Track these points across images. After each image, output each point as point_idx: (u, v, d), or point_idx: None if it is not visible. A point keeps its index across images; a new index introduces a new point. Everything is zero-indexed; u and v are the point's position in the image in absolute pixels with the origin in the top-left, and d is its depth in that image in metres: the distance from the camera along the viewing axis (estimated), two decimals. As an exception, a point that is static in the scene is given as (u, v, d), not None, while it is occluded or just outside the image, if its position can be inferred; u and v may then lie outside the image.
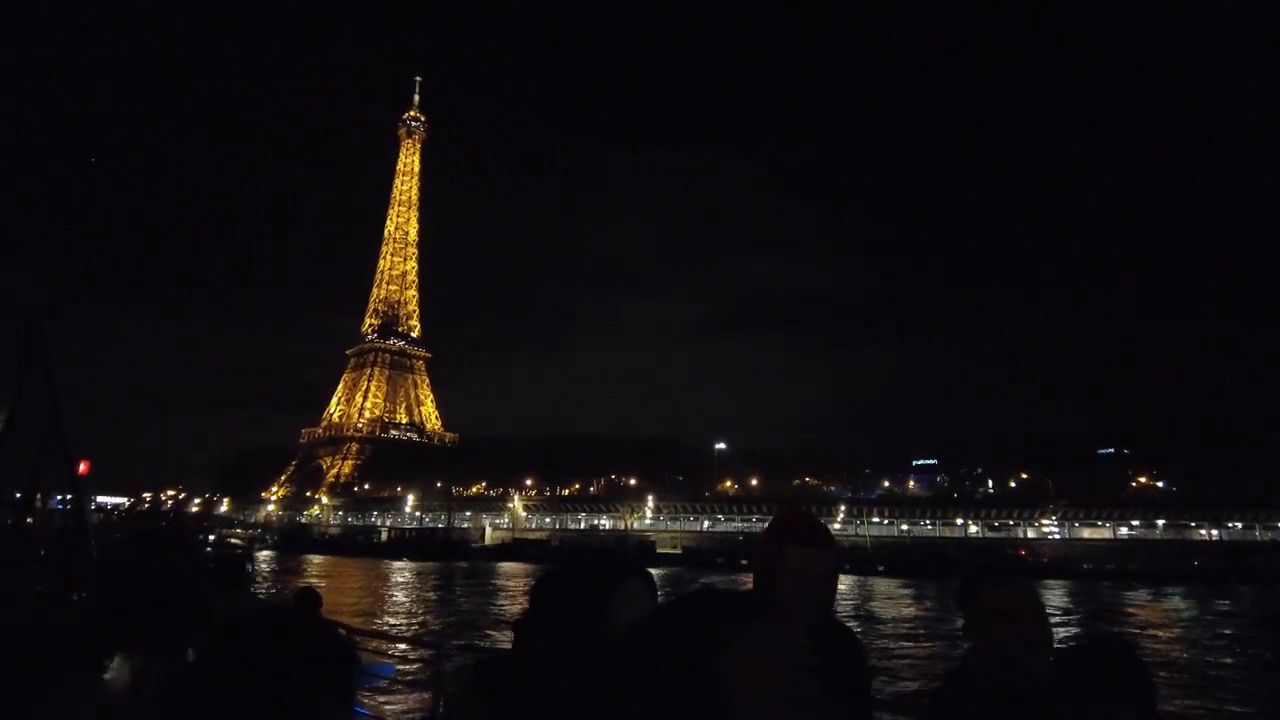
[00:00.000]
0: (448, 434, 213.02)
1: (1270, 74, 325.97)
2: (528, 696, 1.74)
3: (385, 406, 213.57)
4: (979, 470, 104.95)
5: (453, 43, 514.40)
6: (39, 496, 6.34)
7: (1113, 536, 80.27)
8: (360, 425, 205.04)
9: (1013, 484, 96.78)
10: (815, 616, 2.18)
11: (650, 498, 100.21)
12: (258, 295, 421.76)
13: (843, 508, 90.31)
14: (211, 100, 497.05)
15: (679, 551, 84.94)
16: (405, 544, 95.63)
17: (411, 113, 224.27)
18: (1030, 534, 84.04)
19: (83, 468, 7.49)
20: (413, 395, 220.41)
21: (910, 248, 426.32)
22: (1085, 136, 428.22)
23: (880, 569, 68.24)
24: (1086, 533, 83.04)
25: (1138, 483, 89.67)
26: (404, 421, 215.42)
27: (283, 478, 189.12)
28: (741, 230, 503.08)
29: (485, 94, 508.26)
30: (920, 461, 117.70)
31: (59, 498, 6.55)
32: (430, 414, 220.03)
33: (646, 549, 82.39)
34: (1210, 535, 78.38)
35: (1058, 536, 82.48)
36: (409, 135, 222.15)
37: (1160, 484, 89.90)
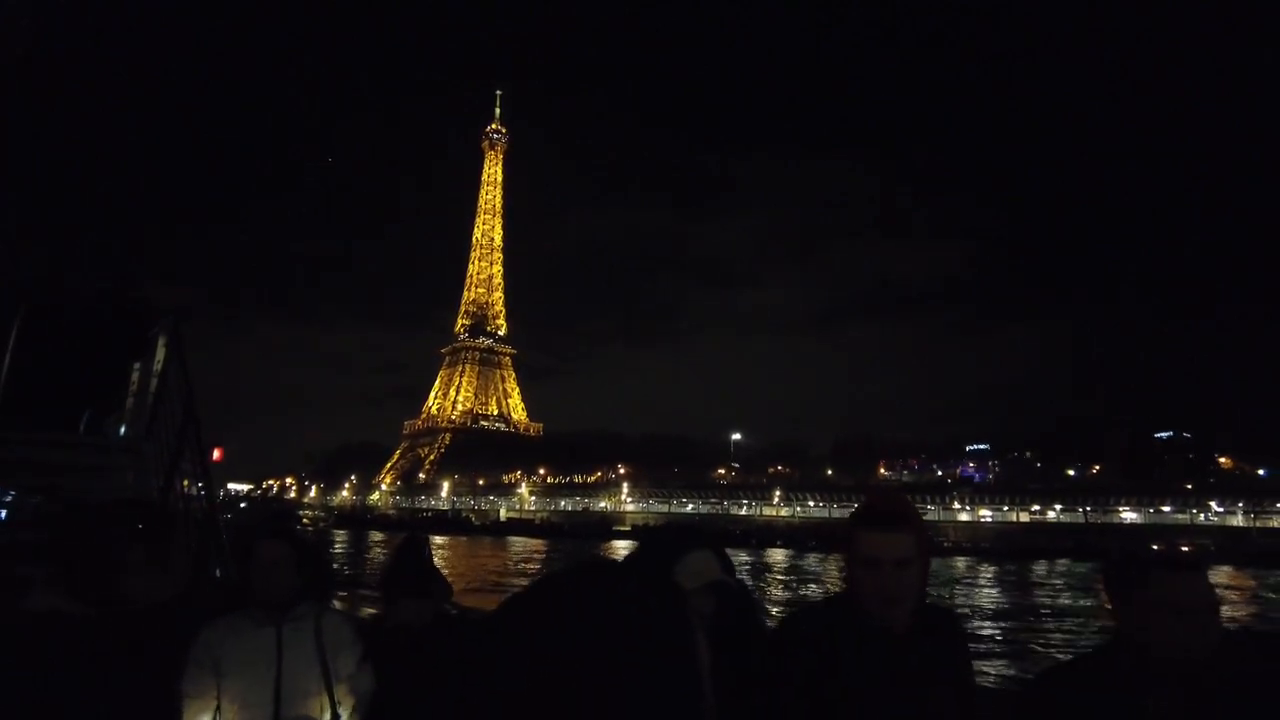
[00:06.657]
0: (533, 425, 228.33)
1: None
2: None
3: (476, 400, 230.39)
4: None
5: (556, 55, 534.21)
6: (180, 482, 7.01)
7: (1014, 520, 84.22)
8: (453, 418, 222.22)
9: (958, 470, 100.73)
10: (890, 611, 1.88)
11: (625, 485, 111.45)
12: (401, 300, 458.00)
13: (778, 492, 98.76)
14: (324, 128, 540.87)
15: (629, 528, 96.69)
16: (427, 521, 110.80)
17: (493, 125, 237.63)
18: (964, 518, 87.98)
19: (217, 455, 7.65)
20: (501, 389, 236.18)
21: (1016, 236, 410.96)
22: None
23: (778, 543, 78.19)
24: (1015, 517, 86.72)
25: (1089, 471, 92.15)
26: (493, 414, 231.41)
27: (388, 465, 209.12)
28: (845, 222, 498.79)
29: (599, 104, 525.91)
30: (973, 447, 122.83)
31: (196, 484, 7.10)
32: (517, 406, 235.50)
33: (610, 524, 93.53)
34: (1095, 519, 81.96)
35: (990, 520, 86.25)
36: (491, 147, 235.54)
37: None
